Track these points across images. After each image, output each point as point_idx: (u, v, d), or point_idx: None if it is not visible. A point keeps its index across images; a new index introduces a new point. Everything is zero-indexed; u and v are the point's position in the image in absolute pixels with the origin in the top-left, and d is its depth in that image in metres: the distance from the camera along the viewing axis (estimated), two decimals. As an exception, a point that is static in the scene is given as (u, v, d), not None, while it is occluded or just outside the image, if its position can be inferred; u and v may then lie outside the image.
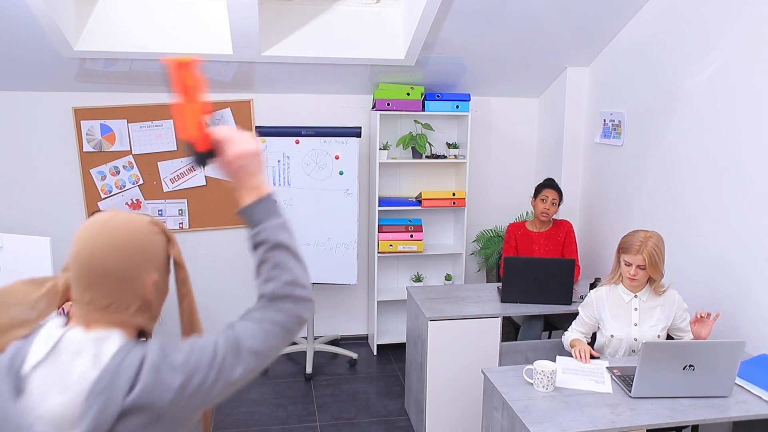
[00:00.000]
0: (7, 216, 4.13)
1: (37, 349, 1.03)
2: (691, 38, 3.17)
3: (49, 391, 1.00)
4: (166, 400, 0.99)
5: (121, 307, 1.07)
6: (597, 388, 2.30)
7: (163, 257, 1.13)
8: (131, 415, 0.98)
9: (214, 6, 3.63)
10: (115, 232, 1.06)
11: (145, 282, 1.09)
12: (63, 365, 1.01)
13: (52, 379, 1.01)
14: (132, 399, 0.98)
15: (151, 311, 1.13)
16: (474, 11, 3.49)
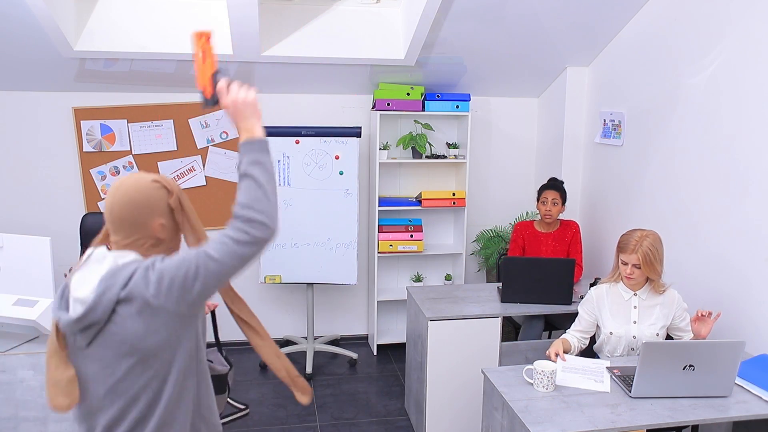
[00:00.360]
0: (7, 216, 4.13)
1: (79, 262, 1.48)
2: (692, 38, 3.17)
3: (80, 285, 1.42)
4: (149, 292, 1.36)
5: (139, 244, 1.47)
6: (596, 387, 2.31)
7: (165, 205, 1.48)
8: (126, 302, 1.37)
9: (214, 6, 3.63)
10: (125, 190, 1.45)
11: (153, 225, 1.47)
12: (90, 268, 1.44)
13: (82, 278, 1.43)
14: (126, 291, 1.37)
15: (164, 245, 1.51)
16: (474, 11, 3.49)
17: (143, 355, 1.40)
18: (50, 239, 2.51)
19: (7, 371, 2.46)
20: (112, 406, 1.44)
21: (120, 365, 1.41)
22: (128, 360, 1.40)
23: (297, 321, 4.64)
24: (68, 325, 1.40)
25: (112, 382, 1.42)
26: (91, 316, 1.38)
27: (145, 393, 1.43)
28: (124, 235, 1.45)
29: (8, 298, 2.46)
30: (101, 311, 1.37)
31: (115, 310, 1.38)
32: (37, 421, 2.51)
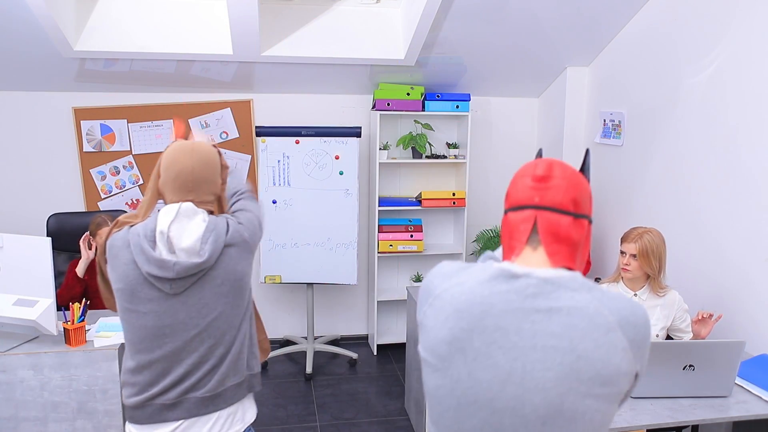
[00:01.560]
0: (7, 216, 4.13)
1: (165, 216, 1.61)
2: (692, 38, 3.17)
3: (181, 236, 1.60)
4: (245, 235, 1.69)
5: (208, 200, 1.69)
6: None
7: (220, 164, 1.73)
8: (230, 246, 1.64)
9: (214, 6, 3.63)
10: (202, 154, 1.67)
11: (218, 183, 1.71)
12: (185, 221, 1.62)
13: (181, 230, 1.61)
14: (229, 236, 1.64)
15: (221, 203, 1.75)
16: (474, 11, 3.49)
17: (238, 291, 1.66)
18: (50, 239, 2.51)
19: (7, 371, 2.46)
20: (201, 346, 1.63)
21: (217, 305, 1.63)
22: (224, 299, 1.63)
23: (297, 321, 4.64)
24: (187, 270, 1.58)
25: (205, 324, 1.62)
26: (209, 262, 1.60)
27: (231, 329, 1.66)
28: (202, 192, 1.66)
29: (8, 298, 2.46)
30: (216, 256, 1.61)
31: (221, 255, 1.62)
32: (37, 421, 2.51)
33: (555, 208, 1.13)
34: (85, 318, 2.56)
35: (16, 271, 2.52)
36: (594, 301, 1.08)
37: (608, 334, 1.06)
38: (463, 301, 1.11)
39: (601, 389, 1.06)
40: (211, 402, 1.66)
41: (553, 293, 1.09)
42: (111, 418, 2.55)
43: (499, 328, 1.09)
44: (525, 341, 1.07)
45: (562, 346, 1.06)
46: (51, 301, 2.47)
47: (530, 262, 1.14)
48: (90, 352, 2.51)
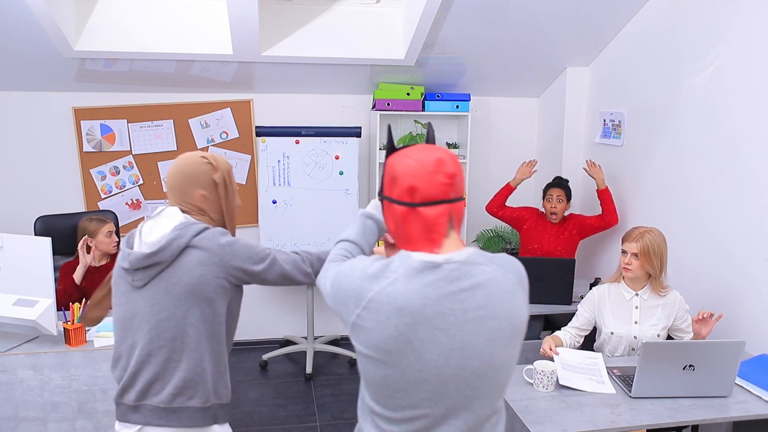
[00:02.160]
0: (7, 216, 4.13)
1: (152, 215, 1.69)
2: (692, 37, 3.17)
3: (151, 232, 1.64)
4: (218, 244, 1.62)
5: (189, 209, 1.69)
6: (599, 389, 2.29)
7: (209, 179, 1.70)
8: (194, 249, 1.61)
9: (214, 6, 3.63)
10: (177, 162, 1.70)
11: (194, 194, 1.69)
12: (163, 220, 1.65)
13: (155, 226, 1.64)
14: (197, 239, 1.61)
15: (208, 215, 1.72)
16: (474, 11, 3.49)
17: (194, 298, 1.61)
18: (50, 239, 2.51)
19: (7, 371, 2.46)
20: (150, 345, 1.63)
21: (168, 305, 1.61)
22: (176, 301, 1.61)
23: (297, 321, 4.64)
24: (138, 260, 1.61)
25: (155, 321, 1.62)
26: (161, 255, 1.60)
27: (183, 338, 1.62)
28: (174, 200, 1.69)
29: (8, 298, 2.46)
30: (170, 252, 1.59)
31: (181, 255, 1.60)
32: (37, 421, 2.51)
33: (461, 198, 1.30)
34: (85, 318, 2.55)
35: (16, 271, 2.52)
36: (499, 269, 1.30)
37: (515, 293, 1.31)
38: (401, 298, 1.22)
39: (517, 339, 1.31)
40: (165, 415, 1.63)
41: (470, 272, 1.26)
42: (111, 418, 2.55)
43: (437, 313, 1.23)
44: (459, 318, 1.24)
45: (488, 314, 1.26)
46: (51, 301, 2.47)
47: (449, 248, 1.29)
48: (90, 352, 2.51)
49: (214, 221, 1.73)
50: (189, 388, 1.63)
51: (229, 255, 1.62)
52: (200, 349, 1.64)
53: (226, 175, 1.73)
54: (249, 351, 4.49)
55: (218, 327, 1.66)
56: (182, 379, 1.62)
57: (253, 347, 4.57)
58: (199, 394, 1.64)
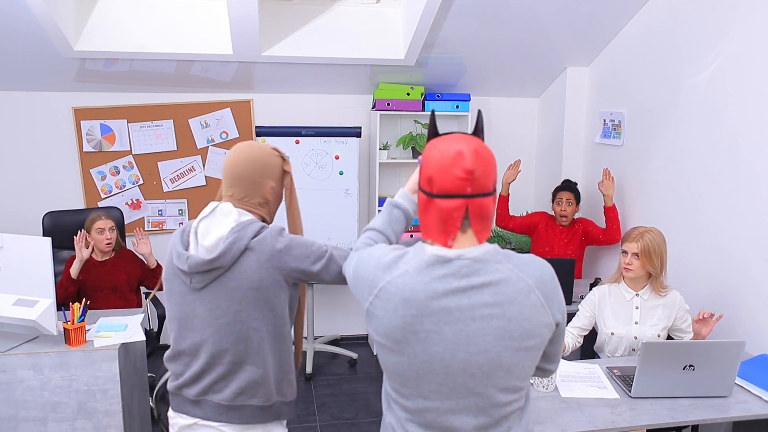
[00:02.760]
0: (8, 216, 4.13)
1: (203, 212, 1.65)
2: (692, 37, 3.17)
3: (207, 233, 1.60)
4: (276, 247, 1.58)
5: (251, 201, 1.67)
6: (602, 395, 2.28)
7: (279, 172, 1.71)
8: (252, 251, 1.58)
9: (214, 6, 3.63)
10: (250, 152, 1.66)
11: (266, 186, 1.68)
12: (217, 219, 1.61)
13: (210, 227, 1.61)
14: (254, 241, 1.58)
15: (269, 207, 1.72)
16: (474, 11, 3.49)
17: (257, 301, 1.59)
18: (50, 239, 2.51)
19: (7, 371, 2.46)
20: (214, 348, 1.62)
21: (229, 309, 1.59)
22: (238, 305, 1.58)
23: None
24: (198, 265, 1.58)
25: (217, 325, 1.60)
26: (221, 260, 1.56)
27: (246, 341, 1.61)
28: (240, 190, 1.65)
29: (8, 298, 2.46)
30: (230, 257, 1.56)
31: (239, 258, 1.57)
32: (37, 421, 2.51)
33: (482, 193, 1.27)
34: (85, 318, 2.55)
35: (16, 271, 2.52)
36: (514, 269, 1.28)
37: (529, 295, 1.27)
38: (408, 290, 1.26)
39: (529, 342, 1.28)
40: (226, 411, 1.64)
41: (481, 269, 1.26)
42: (111, 418, 2.55)
43: (443, 308, 1.25)
44: (466, 314, 1.25)
45: (495, 313, 1.25)
46: (51, 301, 2.47)
47: (463, 244, 1.29)
48: (90, 352, 2.51)
49: (272, 215, 1.73)
50: (252, 388, 1.64)
51: (286, 257, 1.59)
52: (263, 351, 1.63)
53: (291, 165, 1.74)
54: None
55: (280, 328, 1.65)
56: (246, 380, 1.63)
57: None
58: (261, 394, 1.65)
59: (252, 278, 1.57)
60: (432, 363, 1.27)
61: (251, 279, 1.57)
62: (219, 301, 1.59)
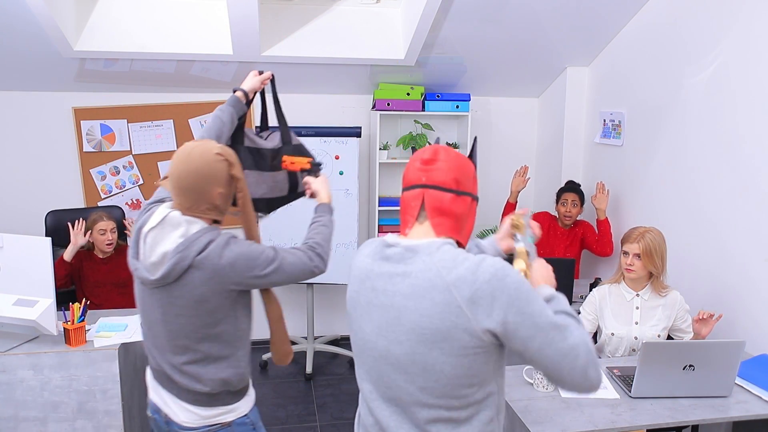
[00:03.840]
0: (8, 216, 4.13)
1: (154, 218, 1.64)
2: (692, 37, 3.17)
3: (154, 247, 1.61)
4: (218, 266, 1.59)
5: (198, 208, 1.65)
6: (602, 395, 2.27)
7: (226, 177, 1.66)
8: (196, 269, 1.58)
9: (214, 6, 3.63)
10: (192, 161, 1.61)
11: (212, 193, 1.64)
12: (166, 231, 1.61)
13: (158, 238, 1.61)
14: (199, 258, 1.58)
15: (219, 210, 1.70)
16: (474, 11, 3.49)
17: (195, 312, 1.62)
18: (50, 239, 2.51)
19: (7, 371, 2.46)
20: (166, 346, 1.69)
21: (178, 319, 1.64)
22: (183, 318, 1.63)
23: (297, 321, 4.64)
24: (143, 280, 1.64)
25: (167, 330, 1.66)
26: (164, 280, 1.60)
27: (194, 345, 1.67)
28: (186, 200, 1.64)
29: (8, 298, 2.46)
30: (174, 276, 1.59)
31: (184, 274, 1.59)
32: (37, 421, 2.51)
33: (439, 186, 1.31)
34: (85, 318, 2.56)
35: (16, 271, 2.52)
36: (437, 263, 1.24)
37: (443, 293, 1.21)
38: (358, 266, 1.39)
39: (443, 343, 1.21)
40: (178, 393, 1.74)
41: (410, 259, 1.27)
42: (111, 418, 2.55)
43: (374, 288, 1.32)
44: (388, 300, 1.29)
45: (409, 305, 1.25)
46: (51, 301, 2.47)
47: (418, 234, 1.33)
48: (90, 352, 2.51)
49: (224, 216, 1.74)
50: (197, 381, 1.71)
51: (231, 273, 1.62)
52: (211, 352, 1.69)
53: (239, 168, 1.70)
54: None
55: (226, 333, 1.70)
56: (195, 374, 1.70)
57: (253, 347, 4.55)
58: (209, 385, 1.71)
59: (194, 293, 1.61)
60: (364, 342, 1.35)
61: (194, 294, 1.61)
62: (166, 307, 1.64)
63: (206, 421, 1.74)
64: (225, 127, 2.04)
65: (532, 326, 1.19)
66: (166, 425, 1.79)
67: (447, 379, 1.24)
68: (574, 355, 1.21)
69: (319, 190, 2.02)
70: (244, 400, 1.82)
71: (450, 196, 1.31)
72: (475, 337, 1.21)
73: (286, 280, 1.72)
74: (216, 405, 1.74)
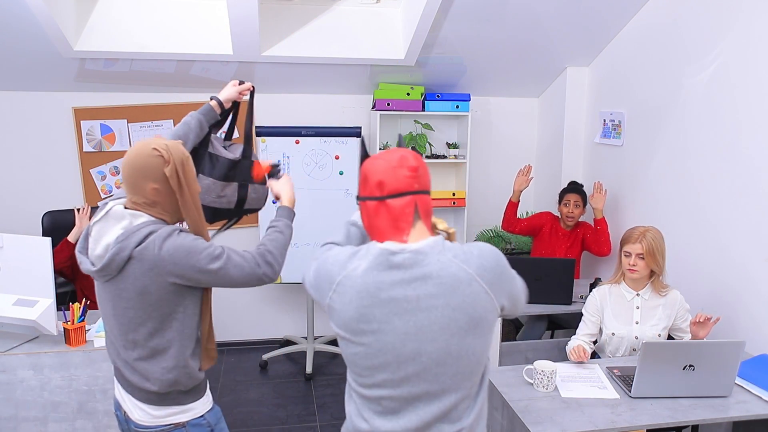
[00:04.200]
0: (7, 216, 4.13)
1: (99, 213, 1.68)
2: (692, 37, 3.17)
3: (98, 240, 1.64)
4: (160, 255, 1.59)
5: (137, 202, 1.66)
6: (603, 395, 2.28)
7: (160, 173, 1.64)
8: (136, 261, 1.59)
9: (214, 6, 3.63)
10: (129, 155, 1.65)
11: (146, 188, 1.64)
12: (109, 224, 1.64)
13: (102, 232, 1.64)
14: (138, 250, 1.59)
15: (161, 207, 1.68)
16: (474, 11, 3.49)
17: (139, 305, 1.63)
18: (50, 239, 2.51)
19: (7, 371, 2.46)
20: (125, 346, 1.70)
21: (126, 313, 1.65)
22: (130, 311, 1.64)
23: (297, 321, 4.64)
24: (89, 272, 1.65)
25: (117, 323, 1.68)
26: (105, 271, 1.62)
27: (143, 339, 1.67)
28: (128, 191, 1.67)
29: (8, 298, 2.46)
30: (114, 267, 1.60)
31: (126, 266, 1.60)
32: (37, 421, 2.51)
33: (425, 191, 1.43)
34: (85, 318, 2.56)
35: (16, 271, 2.52)
36: (455, 260, 1.36)
37: (471, 284, 1.34)
38: (360, 282, 1.36)
39: (475, 329, 1.35)
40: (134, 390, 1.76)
41: (424, 260, 1.35)
42: (111, 418, 2.55)
43: (392, 299, 1.34)
44: (412, 305, 1.34)
45: (439, 303, 1.33)
46: (51, 301, 2.47)
47: (415, 237, 1.41)
48: (90, 352, 2.51)
49: (169, 213, 1.70)
50: (146, 379, 1.72)
51: (170, 264, 1.60)
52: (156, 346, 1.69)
53: (179, 167, 1.65)
54: (249, 351, 4.49)
55: (173, 328, 1.69)
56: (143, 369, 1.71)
57: (253, 347, 4.57)
58: (157, 384, 1.71)
59: (136, 285, 1.61)
60: (385, 353, 1.36)
61: (135, 285, 1.62)
62: (115, 300, 1.67)
63: (159, 420, 1.74)
64: (191, 133, 2.06)
65: (515, 286, 1.46)
66: (125, 423, 1.81)
67: (477, 357, 1.38)
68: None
69: (280, 191, 2.01)
70: (201, 401, 1.80)
71: (429, 197, 1.46)
72: (497, 314, 1.40)
73: (229, 282, 1.68)
74: (167, 404, 1.74)
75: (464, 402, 1.41)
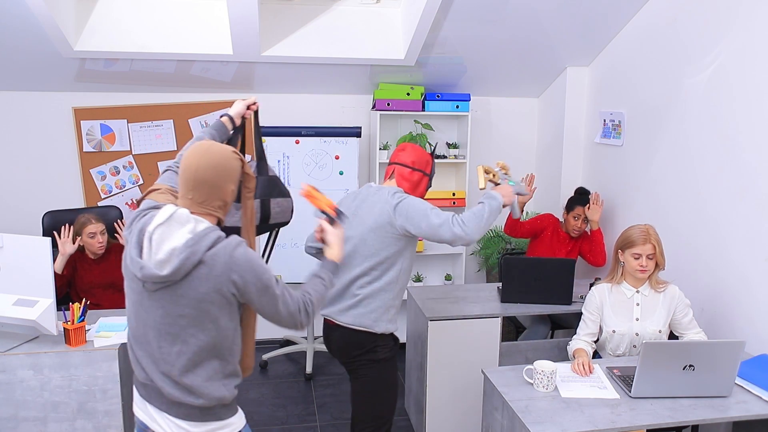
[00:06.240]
0: (8, 216, 4.13)
1: (158, 217, 1.62)
2: (692, 37, 3.17)
3: (161, 243, 1.59)
4: (231, 259, 1.60)
5: (211, 204, 1.67)
6: (603, 395, 2.28)
7: (239, 175, 1.72)
8: (203, 265, 1.59)
9: (214, 6, 3.63)
10: (213, 156, 1.65)
11: (227, 189, 1.68)
12: (173, 228, 1.60)
13: (165, 236, 1.60)
14: (208, 254, 1.59)
15: (225, 208, 1.72)
16: (474, 11, 3.49)
17: (198, 314, 1.61)
18: (50, 239, 2.51)
19: (7, 371, 2.46)
20: (167, 359, 1.65)
21: (178, 321, 1.62)
22: (184, 319, 1.61)
23: (297, 321, 4.63)
24: (150, 278, 1.59)
25: (166, 332, 1.64)
26: (175, 275, 1.58)
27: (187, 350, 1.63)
28: (201, 194, 1.65)
29: (8, 298, 2.46)
30: (183, 271, 1.58)
31: (192, 270, 1.58)
32: (37, 421, 2.51)
33: (401, 164, 2.49)
34: (85, 318, 2.56)
35: (16, 271, 2.52)
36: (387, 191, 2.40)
37: (386, 204, 2.37)
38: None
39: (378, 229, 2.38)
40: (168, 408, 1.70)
41: (378, 191, 2.45)
42: (111, 418, 2.55)
43: (364, 200, 2.45)
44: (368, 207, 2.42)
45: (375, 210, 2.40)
46: (51, 301, 2.47)
47: (389, 183, 2.50)
48: (90, 352, 2.51)
49: (226, 212, 1.75)
50: (190, 393, 1.66)
51: (239, 270, 1.61)
52: (201, 359, 1.65)
53: (248, 167, 1.74)
54: (249, 351, 4.49)
55: (221, 339, 1.67)
56: (183, 383, 1.66)
57: (253, 347, 4.57)
58: (204, 398, 1.66)
59: (199, 290, 1.59)
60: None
61: (198, 291, 1.59)
62: (168, 307, 1.62)
63: None
64: None
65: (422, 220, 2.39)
66: None
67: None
68: None
69: (332, 243, 1.97)
70: (237, 415, 1.77)
71: (408, 170, 2.47)
72: (395, 224, 2.37)
73: (273, 312, 1.68)
74: (209, 420, 1.69)
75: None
